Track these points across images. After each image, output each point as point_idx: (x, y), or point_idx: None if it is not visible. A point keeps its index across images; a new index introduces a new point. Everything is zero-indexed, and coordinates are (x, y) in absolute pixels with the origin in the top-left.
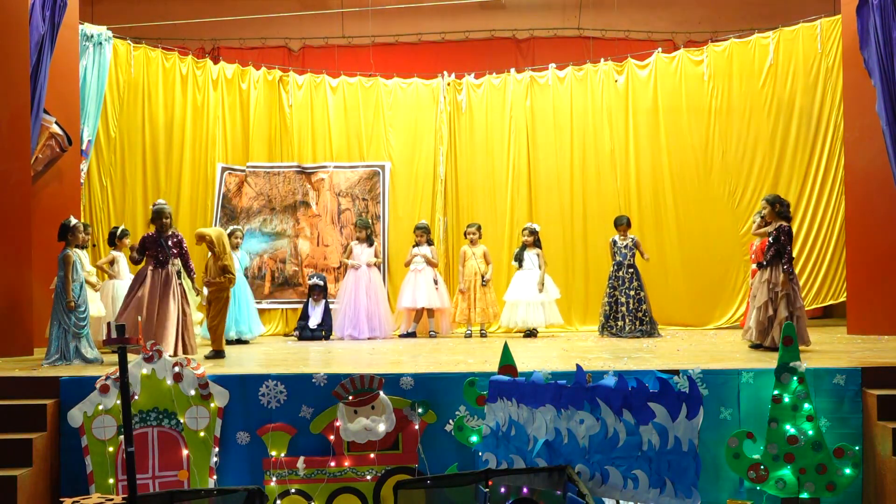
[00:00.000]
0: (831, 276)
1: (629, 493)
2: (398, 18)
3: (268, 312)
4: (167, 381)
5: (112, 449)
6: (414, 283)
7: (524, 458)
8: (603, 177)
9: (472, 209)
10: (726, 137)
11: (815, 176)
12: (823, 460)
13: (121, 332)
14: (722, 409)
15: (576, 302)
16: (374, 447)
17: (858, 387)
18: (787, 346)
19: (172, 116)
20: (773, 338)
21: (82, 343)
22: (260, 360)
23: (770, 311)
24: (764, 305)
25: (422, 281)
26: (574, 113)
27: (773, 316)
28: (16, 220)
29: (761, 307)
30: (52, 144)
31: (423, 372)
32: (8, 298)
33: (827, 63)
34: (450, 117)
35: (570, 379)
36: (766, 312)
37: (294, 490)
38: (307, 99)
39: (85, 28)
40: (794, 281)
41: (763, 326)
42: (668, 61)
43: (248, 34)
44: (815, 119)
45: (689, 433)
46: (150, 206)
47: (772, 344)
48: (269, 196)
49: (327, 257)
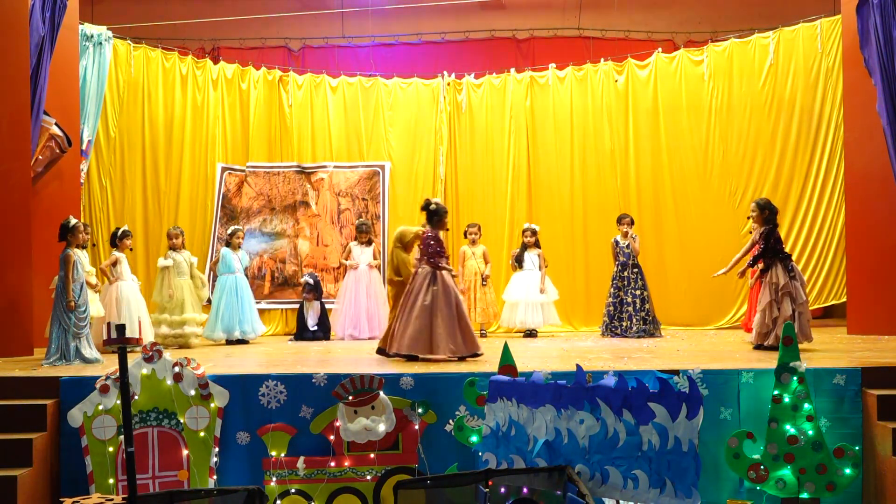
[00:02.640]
0: (833, 276)
1: (629, 493)
2: (398, 18)
3: (268, 312)
4: (167, 381)
5: (112, 449)
6: None
7: (524, 458)
8: (603, 177)
9: (472, 209)
10: (727, 138)
11: (816, 176)
12: (823, 460)
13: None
14: (722, 409)
15: (576, 302)
16: (374, 447)
17: (858, 387)
18: (787, 346)
19: (172, 116)
20: (777, 335)
21: (82, 343)
22: (260, 360)
23: (775, 311)
24: (768, 305)
25: None
26: (574, 113)
27: (777, 316)
28: (16, 220)
29: (765, 308)
30: (52, 145)
31: (423, 372)
32: (8, 298)
33: (827, 63)
34: (450, 117)
35: (570, 379)
36: (771, 314)
37: (294, 490)
38: (307, 99)
39: (85, 28)
40: (795, 278)
41: (767, 328)
42: (668, 61)
43: (248, 34)
44: (815, 119)
45: (689, 433)
46: (149, 205)
47: (775, 342)
48: (268, 196)
49: (327, 257)
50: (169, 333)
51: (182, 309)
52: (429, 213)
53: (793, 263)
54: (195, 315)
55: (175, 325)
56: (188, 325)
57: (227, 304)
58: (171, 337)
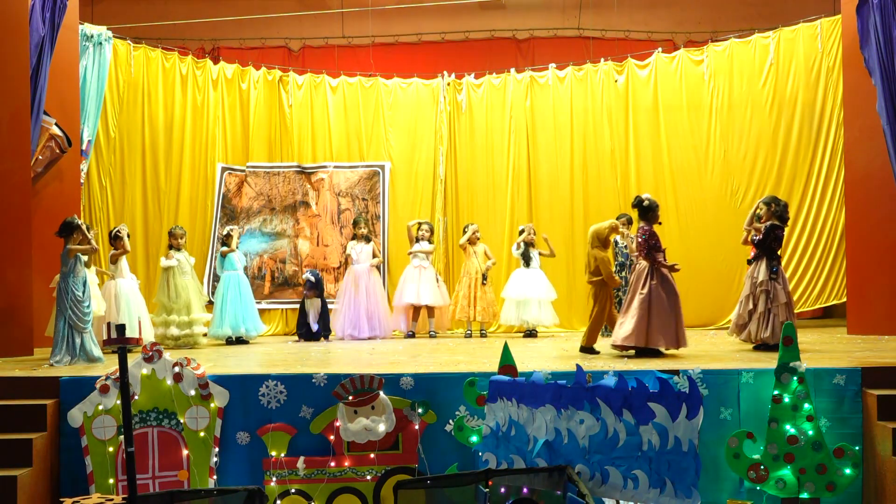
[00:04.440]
0: (834, 276)
1: (629, 493)
2: (398, 18)
3: (268, 312)
4: (167, 381)
5: (112, 449)
6: (417, 281)
7: (524, 458)
8: (603, 177)
9: (472, 209)
10: (727, 137)
11: (817, 176)
12: (823, 460)
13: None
14: (722, 409)
15: (576, 302)
16: (374, 447)
17: (858, 387)
18: (787, 346)
19: (172, 116)
20: (750, 332)
21: (86, 339)
22: (260, 360)
23: (750, 305)
24: (745, 299)
25: (425, 278)
26: (574, 113)
27: (752, 310)
28: (16, 220)
29: (743, 300)
30: (52, 146)
31: (423, 372)
32: (8, 298)
33: (827, 63)
34: (450, 117)
35: (570, 379)
36: (747, 307)
37: (294, 490)
38: (307, 99)
39: (85, 28)
40: (776, 279)
41: (743, 321)
42: (668, 61)
43: (248, 34)
44: (816, 119)
45: (689, 433)
46: (149, 205)
47: (747, 338)
48: (268, 196)
49: (327, 257)
50: (180, 335)
51: (189, 310)
52: (641, 209)
53: (779, 266)
54: (202, 315)
55: (184, 326)
56: (196, 325)
57: (233, 301)
58: (183, 338)
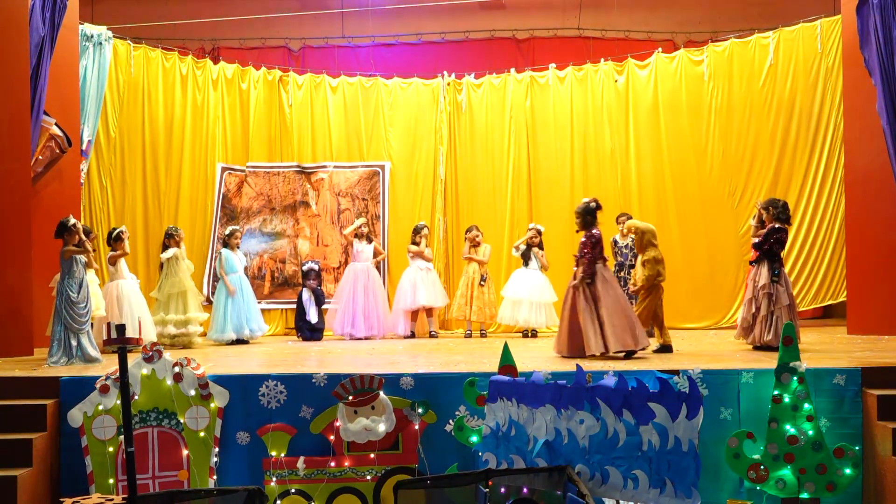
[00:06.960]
0: (831, 276)
1: (629, 493)
2: (398, 18)
3: (268, 312)
4: (167, 381)
5: (112, 449)
6: (416, 283)
7: (524, 458)
8: (603, 177)
9: (472, 209)
10: (726, 137)
11: (815, 175)
12: (823, 460)
13: (121, 331)
14: (722, 409)
15: None
16: (374, 447)
17: (858, 387)
18: (786, 346)
19: (172, 116)
20: (755, 335)
21: (83, 340)
22: (260, 360)
23: (753, 308)
24: (748, 302)
25: (425, 280)
26: (574, 113)
27: (756, 313)
28: (16, 220)
29: (747, 304)
30: (52, 146)
31: (423, 372)
32: (8, 298)
33: (827, 63)
34: (450, 117)
35: (570, 379)
36: (750, 310)
37: (294, 490)
38: (307, 99)
39: (85, 28)
40: (779, 281)
41: (747, 323)
42: (668, 61)
43: (248, 34)
44: (815, 119)
45: (689, 433)
46: (149, 205)
47: (753, 342)
48: (268, 196)
49: (327, 257)
50: (176, 333)
51: (186, 308)
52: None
53: (781, 269)
54: (198, 314)
55: (180, 325)
56: (191, 324)
57: (235, 303)
58: (179, 336)
